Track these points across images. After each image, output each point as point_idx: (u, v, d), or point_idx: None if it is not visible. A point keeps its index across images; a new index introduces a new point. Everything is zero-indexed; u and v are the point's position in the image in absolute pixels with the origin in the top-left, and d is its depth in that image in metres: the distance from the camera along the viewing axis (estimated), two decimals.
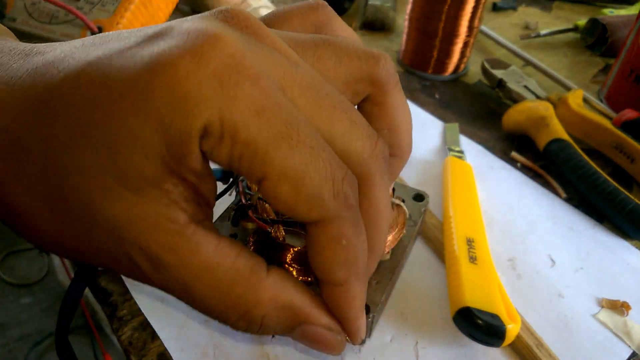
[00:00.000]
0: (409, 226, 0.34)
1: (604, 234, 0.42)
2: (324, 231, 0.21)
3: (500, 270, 0.38)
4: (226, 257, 0.21)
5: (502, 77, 0.57)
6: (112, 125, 0.18)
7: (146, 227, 0.19)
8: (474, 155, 0.49)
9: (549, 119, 0.49)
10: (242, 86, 0.18)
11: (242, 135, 0.18)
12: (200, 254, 0.20)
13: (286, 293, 0.22)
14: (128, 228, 0.19)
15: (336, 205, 0.20)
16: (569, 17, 0.79)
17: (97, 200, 0.19)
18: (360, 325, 0.24)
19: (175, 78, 0.17)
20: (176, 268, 0.20)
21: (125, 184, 0.19)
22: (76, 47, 0.21)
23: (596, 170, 0.44)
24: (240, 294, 0.21)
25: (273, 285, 0.21)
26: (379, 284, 0.30)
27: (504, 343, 0.30)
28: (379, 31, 0.72)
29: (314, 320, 0.22)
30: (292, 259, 0.29)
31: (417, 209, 0.35)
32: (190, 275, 0.20)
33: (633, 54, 0.54)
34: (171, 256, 0.19)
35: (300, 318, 0.22)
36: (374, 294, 0.30)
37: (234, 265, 0.21)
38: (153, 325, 0.33)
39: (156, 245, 0.19)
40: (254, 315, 0.21)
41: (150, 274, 0.20)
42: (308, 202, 0.19)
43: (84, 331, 1.24)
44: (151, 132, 0.18)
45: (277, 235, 0.29)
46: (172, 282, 0.20)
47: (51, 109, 0.19)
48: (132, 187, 0.19)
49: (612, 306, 0.36)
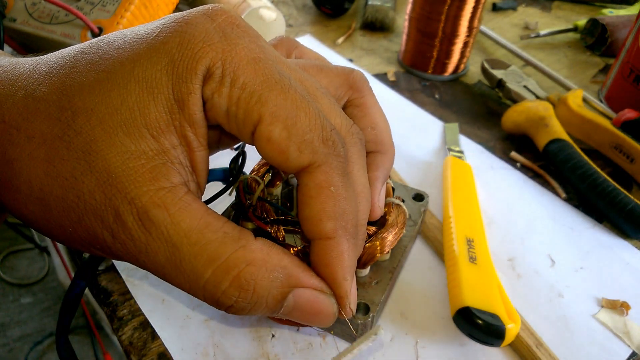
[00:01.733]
0: (408, 226, 0.34)
1: (603, 234, 0.42)
2: (313, 178, 0.21)
3: (500, 270, 0.38)
4: (216, 219, 0.21)
5: (501, 77, 0.57)
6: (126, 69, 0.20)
7: (141, 180, 0.19)
8: (474, 155, 0.49)
9: (548, 119, 0.49)
10: (242, 39, 0.21)
11: (241, 78, 0.20)
12: (191, 213, 0.20)
13: (276, 255, 0.21)
14: (123, 178, 0.19)
15: (325, 150, 0.21)
16: (568, 17, 0.79)
17: (99, 143, 0.19)
18: (348, 289, 0.23)
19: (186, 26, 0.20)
20: (165, 225, 0.19)
21: (128, 130, 0.19)
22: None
23: (596, 170, 0.44)
24: (231, 254, 0.20)
25: (262, 247, 0.21)
26: (379, 284, 0.30)
27: (504, 343, 0.30)
28: (379, 31, 0.72)
29: (307, 282, 0.22)
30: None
31: (417, 209, 0.35)
32: (178, 234, 0.20)
33: (633, 54, 0.54)
34: (161, 212, 0.19)
35: (292, 280, 0.22)
36: (373, 294, 0.30)
37: (223, 228, 0.21)
38: (153, 325, 0.33)
39: (147, 199, 0.19)
40: (246, 279, 0.20)
41: (135, 234, 0.20)
42: (299, 145, 0.21)
43: (84, 331, 1.25)
44: (161, 71, 0.20)
45: (277, 235, 0.29)
46: (158, 243, 0.20)
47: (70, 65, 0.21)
48: (134, 134, 0.19)
49: (611, 306, 0.36)
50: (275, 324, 0.34)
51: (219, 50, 0.20)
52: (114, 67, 0.20)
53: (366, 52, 0.67)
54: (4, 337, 1.36)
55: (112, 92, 0.20)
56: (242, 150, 0.31)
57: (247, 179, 0.32)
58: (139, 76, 0.20)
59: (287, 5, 0.77)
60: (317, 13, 0.75)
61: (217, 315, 0.34)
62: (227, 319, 0.34)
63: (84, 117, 0.19)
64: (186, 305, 0.34)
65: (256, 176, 0.32)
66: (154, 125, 0.20)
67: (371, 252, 0.29)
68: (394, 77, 0.62)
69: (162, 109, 0.20)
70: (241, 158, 0.30)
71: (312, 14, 0.75)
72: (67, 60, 0.21)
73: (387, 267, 0.32)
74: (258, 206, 0.30)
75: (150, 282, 0.36)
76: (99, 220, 0.20)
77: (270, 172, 0.33)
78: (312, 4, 0.75)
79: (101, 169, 0.19)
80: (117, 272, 0.36)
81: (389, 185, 0.34)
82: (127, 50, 0.20)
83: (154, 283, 0.36)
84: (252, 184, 0.31)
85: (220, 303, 0.21)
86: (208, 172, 0.23)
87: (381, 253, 0.30)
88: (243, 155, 0.30)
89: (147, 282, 0.36)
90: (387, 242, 0.30)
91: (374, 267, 0.31)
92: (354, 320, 0.28)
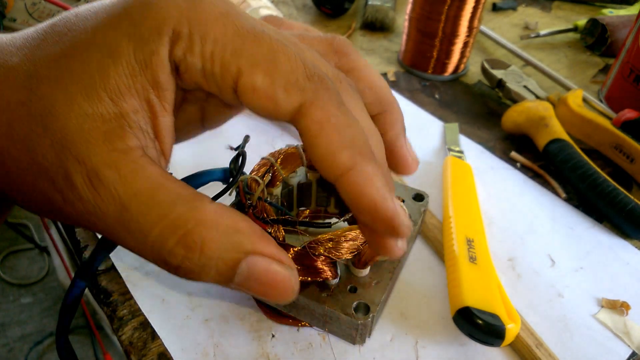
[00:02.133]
0: None
1: (603, 234, 0.42)
2: (309, 118, 0.21)
3: (500, 270, 0.38)
4: (171, 182, 0.20)
5: (501, 77, 0.57)
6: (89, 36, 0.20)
7: (94, 142, 0.19)
8: (474, 155, 0.49)
9: (548, 119, 0.49)
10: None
11: (210, 33, 0.20)
12: (144, 174, 0.20)
13: (230, 218, 0.20)
14: (76, 139, 0.19)
15: (312, 86, 0.21)
16: (568, 17, 0.79)
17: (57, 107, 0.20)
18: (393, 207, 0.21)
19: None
20: (114, 185, 0.19)
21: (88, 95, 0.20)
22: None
23: (596, 170, 0.44)
24: (181, 213, 0.19)
25: (217, 209, 0.20)
26: (379, 284, 0.30)
27: (504, 343, 0.30)
28: (379, 31, 0.72)
29: (263, 249, 0.20)
30: (292, 259, 0.29)
31: (417, 209, 0.35)
32: (128, 194, 0.19)
33: (633, 54, 0.54)
34: (111, 172, 0.19)
35: (246, 246, 0.20)
36: (374, 294, 0.30)
37: (177, 190, 0.20)
38: (153, 325, 0.33)
39: (99, 159, 0.19)
40: (193, 238, 0.19)
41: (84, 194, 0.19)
42: (284, 87, 0.20)
43: (84, 331, 1.25)
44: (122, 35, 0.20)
45: (277, 235, 0.29)
46: (107, 203, 0.19)
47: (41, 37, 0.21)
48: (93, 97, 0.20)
49: (611, 306, 0.36)
50: (275, 324, 0.34)
51: (183, 8, 0.20)
52: (78, 36, 0.21)
53: (366, 52, 0.67)
54: (4, 337, 1.36)
55: (74, 59, 0.20)
56: (242, 150, 0.31)
57: (247, 179, 0.31)
58: (99, 42, 0.20)
59: (287, 5, 0.77)
60: (317, 13, 0.75)
61: (217, 315, 0.34)
62: (227, 319, 0.34)
63: (47, 84, 0.20)
64: (186, 306, 0.34)
65: (256, 176, 0.32)
66: (113, 89, 0.20)
67: (371, 253, 0.29)
68: (394, 77, 0.62)
69: (122, 72, 0.20)
70: (241, 158, 0.30)
71: (312, 14, 0.75)
72: (39, 33, 0.22)
73: (387, 267, 0.32)
74: (258, 206, 0.30)
75: (150, 282, 0.36)
76: (51, 182, 0.20)
77: (270, 172, 0.33)
78: (312, 4, 0.75)
79: (56, 130, 0.19)
80: (117, 272, 0.36)
81: None
82: (91, 19, 0.21)
83: (154, 283, 0.36)
84: (252, 184, 0.31)
85: (167, 263, 0.20)
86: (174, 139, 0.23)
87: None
88: (243, 156, 0.30)
89: (147, 282, 0.36)
90: None
91: (374, 267, 0.31)
92: (354, 321, 0.28)
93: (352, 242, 0.29)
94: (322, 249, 0.29)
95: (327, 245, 0.29)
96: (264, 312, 0.34)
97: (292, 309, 0.31)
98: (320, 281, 0.30)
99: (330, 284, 0.30)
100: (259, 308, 0.35)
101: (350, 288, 0.30)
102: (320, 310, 0.29)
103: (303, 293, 0.29)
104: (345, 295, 0.29)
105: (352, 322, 0.28)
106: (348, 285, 0.30)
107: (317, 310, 0.29)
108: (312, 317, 0.30)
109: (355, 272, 0.31)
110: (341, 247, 0.29)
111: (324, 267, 0.29)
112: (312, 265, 0.29)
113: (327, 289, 0.30)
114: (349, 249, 0.29)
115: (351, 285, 0.30)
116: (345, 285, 0.30)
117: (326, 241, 0.29)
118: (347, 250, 0.29)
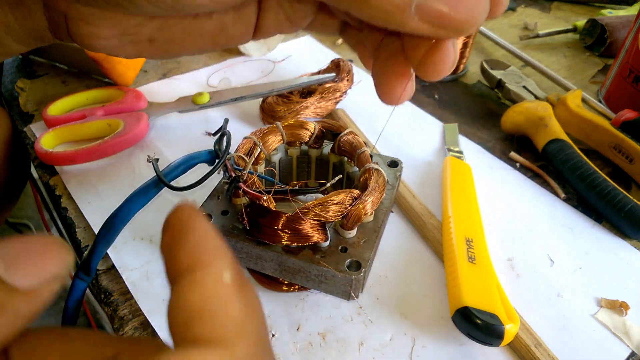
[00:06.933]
0: (387, 190, 0.35)
1: (602, 234, 0.42)
2: None
3: (499, 270, 0.38)
4: None
5: (501, 77, 0.57)
6: None
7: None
8: (473, 156, 0.50)
9: (547, 120, 0.49)
10: None
11: None
12: None
13: None
14: None
15: None
16: (567, 17, 0.79)
17: None
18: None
19: None
20: None
21: None
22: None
23: (595, 170, 0.44)
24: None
25: None
26: (367, 242, 0.33)
27: (503, 342, 0.30)
28: None
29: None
30: (284, 225, 0.31)
31: (393, 174, 0.38)
32: None
33: (632, 54, 0.54)
34: None
35: None
36: (363, 251, 0.32)
37: None
38: (153, 325, 0.33)
39: None
40: None
41: None
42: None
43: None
44: None
45: (268, 204, 0.32)
46: None
47: None
48: None
49: (610, 306, 0.36)
50: (274, 324, 0.34)
51: None
52: None
53: None
54: None
55: None
56: (226, 130, 0.33)
57: (233, 157, 0.34)
58: None
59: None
60: None
61: None
62: None
63: None
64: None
65: (241, 154, 0.35)
66: None
67: (357, 214, 0.32)
68: None
69: None
70: (225, 138, 0.32)
71: None
72: None
73: (372, 227, 0.34)
74: (248, 180, 0.33)
75: (150, 282, 0.36)
76: None
77: (253, 151, 0.36)
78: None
79: None
80: (118, 272, 0.37)
81: (367, 152, 0.36)
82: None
83: (155, 283, 0.36)
84: (240, 162, 0.34)
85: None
86: None
87: (365, 214, 0.32)
88: (228, 135, 0.32)
89: (148, 282, 0.36)
90: (370, 204, 0.32)
91: (360, 228, 0.33)
92: (348, 277, 0.30)
93: (340, 204, 0.32)
94: (312, 214, 0.31)
95: (316, 209, 0.31)
96: (259, 280, 0.36)
97: (287, 273, 0.33)
98: (313, 245, 0.32)
99: (323, 247, 0.32)
100: (252, 277, 0.36)
101: (341, 248, 0.32)
102: (316, 271, 0.31)
103: (298, 257, 0.31)
104: (337, 255, 0.32)
105: (347, 278, 0.30)
106: (339, 246, 0.32)
107: (312, 271, 0.31)
108: (308, 278, 0.32)
109: (344, 234, 0.33)
110: (329, 210, 0.31)
111: (315, 231, 0.31)
112: (304, 230, 0.31)
113: (320, 251, 0.32)
114: (337, 211, 0.31)
115: (342, 246, 0.32)
116: (336, 247, 0.32)
117: (315, 206, 0.31)
118: (334, 212, 0.31)
